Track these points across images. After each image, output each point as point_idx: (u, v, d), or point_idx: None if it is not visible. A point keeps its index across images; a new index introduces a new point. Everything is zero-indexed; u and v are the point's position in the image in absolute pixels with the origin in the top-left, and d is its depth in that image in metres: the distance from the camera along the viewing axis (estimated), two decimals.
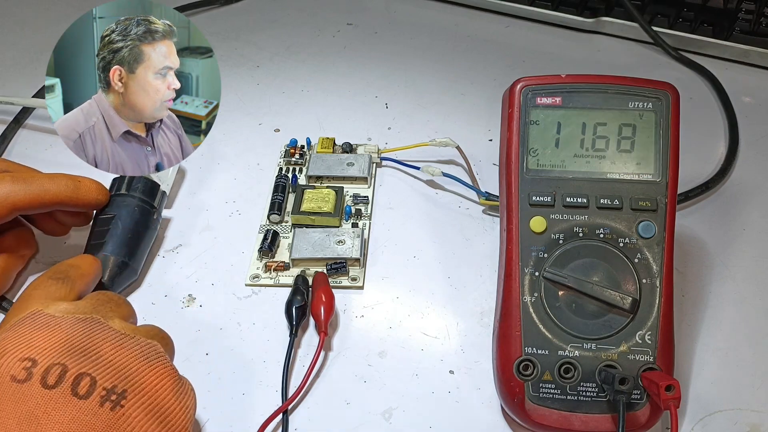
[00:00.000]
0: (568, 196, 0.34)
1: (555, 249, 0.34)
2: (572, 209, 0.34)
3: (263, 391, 0.35)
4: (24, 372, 0.25)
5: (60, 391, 0.25)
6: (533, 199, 0.34)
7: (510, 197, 0.35)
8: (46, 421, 0.24)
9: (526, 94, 0.35)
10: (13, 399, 0.24)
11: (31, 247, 0.40)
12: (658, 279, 0.33)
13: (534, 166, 0.35)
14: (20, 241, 0.39)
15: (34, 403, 0.24)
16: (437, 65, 0.59)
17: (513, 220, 0.34)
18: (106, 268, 0.38)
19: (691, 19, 0.60)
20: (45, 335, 0.27)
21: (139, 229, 0.40)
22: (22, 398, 0.25)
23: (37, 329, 0.27)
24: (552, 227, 0.34)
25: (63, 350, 0.26)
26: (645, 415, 0.32)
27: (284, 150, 0.49)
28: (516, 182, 0.34)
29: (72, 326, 0.28)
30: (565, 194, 0.34)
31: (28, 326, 0.28)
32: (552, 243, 0.34)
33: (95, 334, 0.28)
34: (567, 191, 0.34)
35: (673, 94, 0.34)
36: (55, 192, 0.37)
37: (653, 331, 0.32)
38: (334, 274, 0.40)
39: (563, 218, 0.34)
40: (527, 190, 0.34)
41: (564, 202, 0.34)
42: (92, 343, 0.27)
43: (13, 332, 0.27)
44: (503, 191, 0.36)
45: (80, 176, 0.39)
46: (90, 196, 0.39)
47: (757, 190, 0.47)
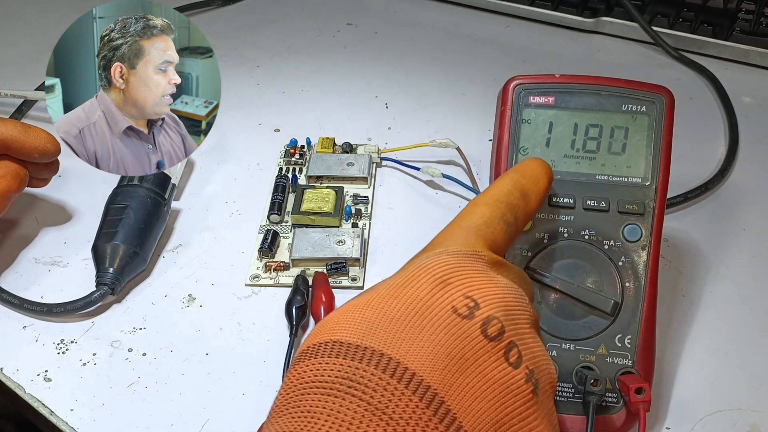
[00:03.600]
0: (555, 196, 0.34)
1: (539, 248, 0.33)
2: (558, 209, 0.34)
3: (263, 391, 0.35)
4: (466, 310, 0.23)
5: (496, 347, 0.23)
6: None
7: None
8: (476, 369, 0.23)
9: (519, 93, 0.35)
10: (448, 330, 0.23)
11: (20, 171, 0.40)
12: (641, 283, 0.33)
13: None
14: (7, 169, 0.39)
15: (469, 345, 0.23)
16: (437, 65, 0.59)
17: None
18: (117, 256, 0.38)
19: (691, 19, 0.60)
20: (486, 282, 0.25)
21: (150, 219, 0.40)
22: (459, 334, 0.23)
23: (479, 274, 0.25)
24: (537, 226, 0.34)
25: (501, 308, 0.24)
26: (621, 419, 0.32)
27: (284, 150, 0.49)
28: None
29: (508, 288, 0.26)
30: (552, 194, 0.34)
31: (470, 267, 0.25)
32: (537, 242, 0.33)
33: (519, 309, 0.26)
34: (554, 191, 0.34)
35: (668, 98, 0.34)
36: (1, 131, 0.38)
37: (633, 335, 0.32)
38: (334, 274, 0.40)
39: (549, 218, 0.34)
40: None
41: (550, 201, 0.34)
42: (518, 316, 0.25)
43: (456, 264, 0.25)
44: None
45: (33, 125, 0.40)
46: (38, 142, 0.39)
47: (757, 190, 0.47)
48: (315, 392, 0.21)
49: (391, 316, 0.23)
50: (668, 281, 0.40)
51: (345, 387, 0.21)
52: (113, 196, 0.41)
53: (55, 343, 0.37)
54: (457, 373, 0.22)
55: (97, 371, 0.36)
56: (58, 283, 0.40)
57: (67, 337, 0.37)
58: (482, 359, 0.23)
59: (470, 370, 0.22)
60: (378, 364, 0.22)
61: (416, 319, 0.23)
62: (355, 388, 0.21)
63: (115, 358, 0.36)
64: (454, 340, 0.23)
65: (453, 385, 0.22)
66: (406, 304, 0.23)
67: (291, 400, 0.22)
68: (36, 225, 0.44)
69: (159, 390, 0.35)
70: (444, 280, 0.24)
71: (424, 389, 0.21)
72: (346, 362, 0.22)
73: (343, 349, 0.22)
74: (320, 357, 0.22)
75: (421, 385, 0.21)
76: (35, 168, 0.41)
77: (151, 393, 0.35)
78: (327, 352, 0.22)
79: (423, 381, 0.21)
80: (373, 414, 0.20)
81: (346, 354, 0.22)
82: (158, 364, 0.36)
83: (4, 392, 0.35)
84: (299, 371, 0.23)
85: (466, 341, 0.23)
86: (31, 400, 0.34)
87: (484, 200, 0.28)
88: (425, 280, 0.24)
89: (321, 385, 0.21)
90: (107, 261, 0.38)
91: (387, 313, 0.23)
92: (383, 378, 0.21)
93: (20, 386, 0.35)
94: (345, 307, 0.24)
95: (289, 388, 0.22)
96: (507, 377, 0.23)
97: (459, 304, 0.23)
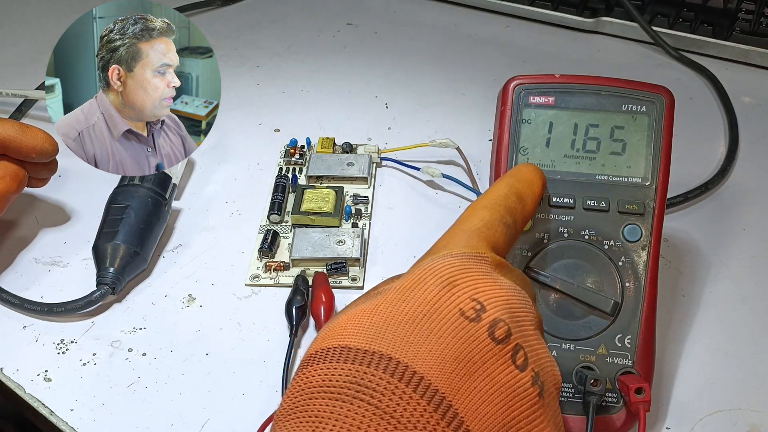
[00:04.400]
0: (555, 196, 0.34)
1: (539, 248, 0.33)
2: (558, 209, 0.34)
3: (263, 391, 0.35)
4: (473, 312, 0.23)
5: (503, 350, 0.23)
6: None
7: None
8: (484, 372, 0.22)
9: (519, 93, 0.35)
10: (456, 333, 0.23)
11: (19, 172, 0.40)
12: (641, 283, 0.33)
13: None
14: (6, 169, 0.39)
15: (477, 348, 0.23)
16: (437, 65, 0.59)
17: None
18: (118, 256, 0.38)
19: (691, 19, 0.60)
20: (491, 285, 0.25)
21: (150, 219, 0.40)
22: (467, 337, 0.23)
23: (484, 276, 0.25)
24: (537, 226, 0.34)
25: (506, 310, 0.24)
26: (621, 419, 0.32)
27: (284, 150, 0.49)
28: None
29: (512, 291, 0.26)
30: (552, 194, 0.34)
31: (475, 269, 0.25)
32: (536, 242, 0.33)
33: (524, 312, 0.25)
34: (554, 191, 0.34)
35: (668, 98, 0.34)
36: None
37: (633, 335, 0.32)
38: (334, 274, 0.40)
39: (549, 218, 0.34)
40: None
41: (550, 201, 0.34)
42: (523, 319, 0.25)
43: (461, 266, 0.25)
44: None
45: (30, 124, 0.39)
46: (35, 141, 0.39)
47: (757, 190, 0.47)
48: (323, 397, 0.21)
49: (398, 320, 0.23)
50: (668, 281, 0.40)
51: (353, 391, 0.21)
52: (114, 196, 0.41)
53: (55, 343, 0.37)
54: (465, 377, 0.22)
55: (97, 371, 0.36)
56: (58, 283, 0.40)
57: (67, 337, 0.37)
58: (490, 362, 0.23)
59: (478, 374, 0.22)
60: (386, 368, 0.21)
61: (424, 322, 0.23)
62: (363, 392, 0.21)
63: (115, 358, 0.36)
64: (461, 343, 0.23)
65: (461, 389, 0.22)
66: (413, 308, 0.23)
67: (298, 405, 0.22)
68: (36, 225, 0.44)
69: (159, 390, 0.35)
70: (450, 281, 0.24)
71: (432, 393, 0.21)
72: (354, 367, 0.22)
73: (351, 353, 0.22)
74: (328, 362, 0.22)
75: (429, 389, 0.21)
76: (34, 168, 0.41)
77: (151, 393, 0.35)
78: (335, 357, 0.22)
79: (431, 384, 0.21)
80: (381, 418, 0.20)
81: (354, 359, 0.22)
82: (158, 364, 0.36)
83: (4, 392, 0.35)
84: (306, 375, 0.22)
85: (474, 344, 0.23)
86: (31, 400, 0.34)
87: (483, 204, 0.29)
88: (432, 282, 0.24)
89: (329, 390, 0.21)
90: (108, 260, 0.38)
91: (395, 316, 0.23)
92: (391, 382, 0.21)
93: (20, 386, 0.35)
94: (352, 311, 0.24)
95: (296, 392, 0.22)
96: (514, 380, 0.23)
97: (466, 307, 0.23)
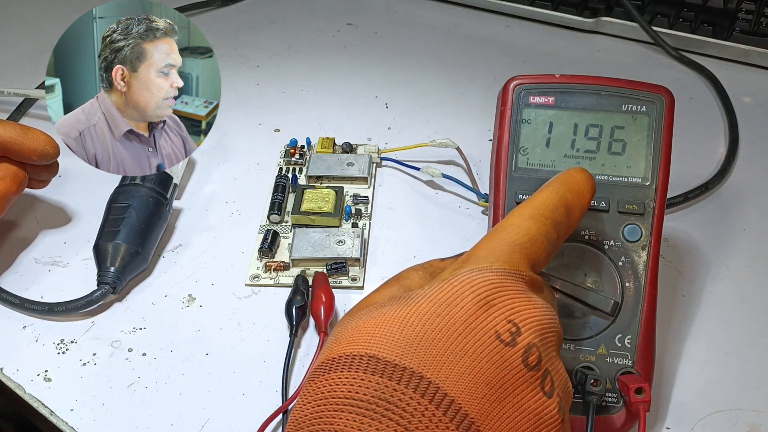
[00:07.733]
0: None
1: None
2: None
3: (263, 391, 0.35)
4: (509, 336, 0.23)
5: (534, 377, 0.23)
6: (520, 197, 0.34)
7: (498, 195, 0.34)
8: (514, 399, 0.22)
9: (519, 93, 0.35)
10: (489, 356, 0.22)
11: (19, 173, 0.40)
12: (641, 283, 0.33)
13: (523, 164, 0.34)
14: (6, 171, 0.39)
15: (510, 374, 0.22)
16: (437, 65, 0.59)
17: (500, 217, 0.34)
18: (119, 256, 0.38)
19: (691, 19, 0.60)
20: (527, 305, 0.24)
21: (151, 219, 0.41)
22: (501, 362, 0.22)
23: (520, 295, 0.24)
24: None
25: (539, 333, 0.24)
26: (621, 419, 0.32)
27: (284, 150, 0.49)
28: (504, 180, 0.34)
29: (544, 310, 0.25)
30: None
31: (512, 287, 0.24)
32: None
33: (552, 332, 0.25)
34: None
35: (668, 98, 0.34)
36: (0, 134, 0.38)
37: (633, 335, 0.32)
38: (334, 274, 0.40)
39: None
40: (515, 188, 0.34)
41: None
42: (550, 340, 0.24)
43: (499, 283, 0.24)
44: (492, 189, 0.36)
45: (32, 127, 0.39)
46: (37, 144, 0.39)
47: (757, 190, 0.47)
48: (349, 410, 0.21)
49: (432, 336, 0.22)
50: (668, 281, 0.40)
51: (382, 409, 0.20)
52: (115, 195, 0.41)
53: (55, 343, 0.37)
54: (495, 402, 0.22)
55: (97, 371, 0.36)
56: (58, 284, 0.40)
57: (67, 337, 0.37)
58: (521, 388, 0.22)
59: (508, 400, 0.22)
60: (417, 388, 0.21)
61: (459, 342, 0.22)
62: (393, 411, 0.20)
63: (115, 358, 0.36)
64: (495, 368, 0.22)
65: (490, 415, 0.21)
66: (448, 324, 0.23)
67: (322, 415, 0.21)
68: (36, 225, 0.44)
69: (159, 390, 0.35)
70: (488, 301, 0.24)
71: (461, 417, 0.21)
72: (383, 381, 0.21)
73: (380, 366, 0.21)
74: (354, 371, 0.22)
75: (458, 413, 0.21)
76: (34, 170, 0.41)
77: (151, 393, 0.35)
78: (362, 367, 0.22)
79: (461, 409, 0.21)
80: None
81: (383, 372, 0.21)
82: (158, 364, 0.36)
83: (4, 392, 0.35)
84: (330, 383, 0.22)
85: (507, 370, 0.22)
86: (31, 400, 0.34)
87: (530, 213, 0.27)
88: (469, 298, 0.23)
89: (356, 404, 0.21)
90: (109, 260, 0.38)
91: (428, 332, 0.22)
92: (422, 403, 0.21)
93: (20, 386, 0.35)
94: (379, 317, 0.23)
95: (319, 399, 0.22)
96: (542, 407, 0.23)
97: (502, 329, 0.23)
